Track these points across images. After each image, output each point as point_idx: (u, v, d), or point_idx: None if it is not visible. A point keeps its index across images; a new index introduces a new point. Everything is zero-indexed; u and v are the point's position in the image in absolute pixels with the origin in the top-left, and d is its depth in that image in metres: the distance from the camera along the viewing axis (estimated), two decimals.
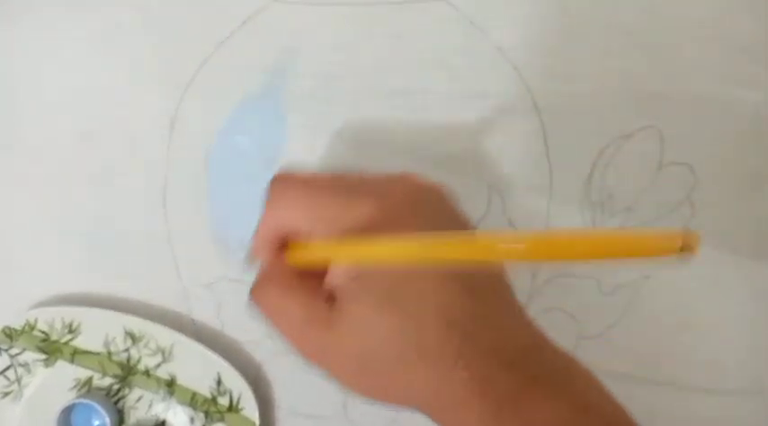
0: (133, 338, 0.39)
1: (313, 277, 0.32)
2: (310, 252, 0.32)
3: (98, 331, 0.39)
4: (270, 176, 0.33)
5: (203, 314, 0.40)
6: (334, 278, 0.31)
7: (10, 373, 0.39)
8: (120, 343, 0.39)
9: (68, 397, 0.39)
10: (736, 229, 0.38)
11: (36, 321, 0.39)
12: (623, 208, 0.38)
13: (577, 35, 0.38)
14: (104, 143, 0.39)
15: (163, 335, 0.39)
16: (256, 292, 0.33)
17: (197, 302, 0.40)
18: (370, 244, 0.30)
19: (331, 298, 0.31)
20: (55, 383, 0.39)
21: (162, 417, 0.39)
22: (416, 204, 0.32)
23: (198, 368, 0.39)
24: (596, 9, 0.38)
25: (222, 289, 0.39)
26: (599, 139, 0.38)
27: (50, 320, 0.39)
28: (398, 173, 0.33)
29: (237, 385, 0.38)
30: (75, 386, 0.39)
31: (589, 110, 0.38)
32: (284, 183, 0.33)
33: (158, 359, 0.39)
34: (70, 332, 0.39)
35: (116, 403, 0.39)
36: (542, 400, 0.28)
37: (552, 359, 0.30)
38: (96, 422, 0.39)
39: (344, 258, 0.30)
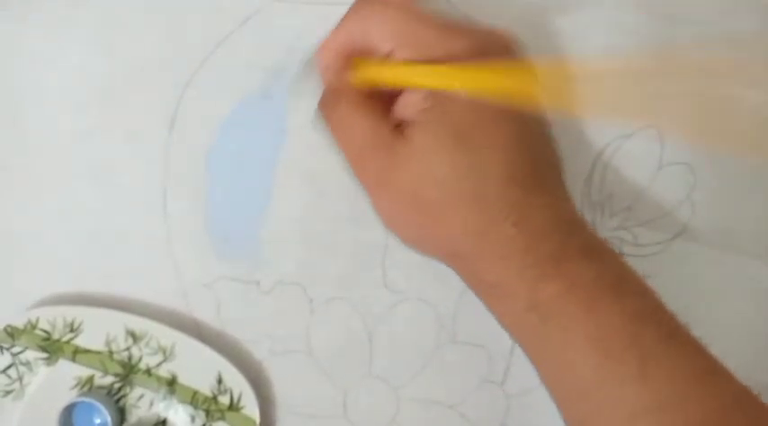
0: (134, 337, 0.39)
1: (381, 101, 0.32)
2: (385, 73, 0.31)
3: (99, 330, 0.39)
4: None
5: (204, 313, 0.40)
6: (408, 105, 0.31)
7: (11, 371, 0.39)
8: (121, 342, 0.39)
9: (70, 396, 0.39)
10: (736, 229, 0.38)
11: (37, 320, 0.39)
12: (623, 208, 0.38)
13: (578, 35, 0.38)
14: (104, 142, 0.39)
15: (164, 334, 0.39)
16: (324, 105, 0.32)
17: (197, 301, 0.40)
18: (456, 72, 0.29)
19: (398, 126, 0.31)
20: (56, 381, 0.39)
21: (163, 416, 0.39)
22: (511, 58, 0.31)
23: (199, 366, 0.39)
24: (596, 8, 0.38)
25: (222, 289, 0.40)
26: (599, 139, 0.38)
27: (52, 319, 0.39)
28: (498, 29, 0.32)
29: (238, 383, 0.38)
30: (76, 385, 0.39)
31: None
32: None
33: (159, 357, 0.39)
34: (72, 331, 0.39)
35: (117, 401, 0.39)
36: (586, 264, 0.29)
37: (592, 235, 0.31)
38: (97, 421, 0.39)
39: (425, 83, 0.29)
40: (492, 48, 0.31)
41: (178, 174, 0.39)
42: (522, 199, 0.30)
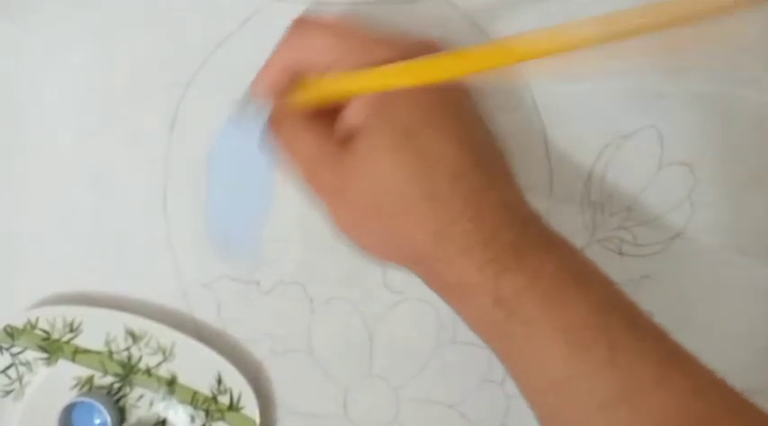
0: (134, 337, 0.39)
1: (326, 117, 0.32)
2: (328, 86, 0.31)
3: (99, 330, 0.39)
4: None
5: (203, 313, 0.40)
6: (353, 116, 0.31)
7: (11, 372, 0.39)
8: (120, 342, 0.39)
9: (70, 396, 0.39)
10: (736, 229, 0.38)
11: (37, 320, 0.39)
12: (623, 208, 0.38)
13: None
14: (104, 143, 0.39)
15: (163, 334, 0.39)
16: (272, 127, 0.33)
17: (197, 301, 0.40)
18: (393, 69, 0.29)
19: (345, 138, 0.31)
20: (56, 381, 0.39)
21: (163, 416, 0.39)
22: None
23: (198, 366, 0.39)
24: (596, 8, 0.38)
25: (222, 289, 0.40)
26: (599, 139, 0.38)
27: (51, 319, 0.39)
28: (428, 39, 0.33)
29: (238, 383, 0.38)
30: (76, 385, 0.39)
31: (589, 111, 0.38)
32: (309, 21, 0.33)
33: (159, 357, 0.39)
34: (71, 331, 0.39)
35: (117, 401, 0.39)
36: (546, 255, 0.30)
37: (547, 226, 0.31)
38: (97, 421, 0.39)
39: (367, 86, 0.30)
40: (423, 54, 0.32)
41: (178, 174, 0.39)
42: (475, 194, 0.30)
